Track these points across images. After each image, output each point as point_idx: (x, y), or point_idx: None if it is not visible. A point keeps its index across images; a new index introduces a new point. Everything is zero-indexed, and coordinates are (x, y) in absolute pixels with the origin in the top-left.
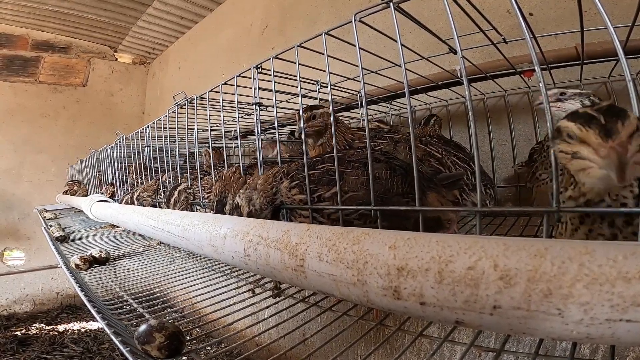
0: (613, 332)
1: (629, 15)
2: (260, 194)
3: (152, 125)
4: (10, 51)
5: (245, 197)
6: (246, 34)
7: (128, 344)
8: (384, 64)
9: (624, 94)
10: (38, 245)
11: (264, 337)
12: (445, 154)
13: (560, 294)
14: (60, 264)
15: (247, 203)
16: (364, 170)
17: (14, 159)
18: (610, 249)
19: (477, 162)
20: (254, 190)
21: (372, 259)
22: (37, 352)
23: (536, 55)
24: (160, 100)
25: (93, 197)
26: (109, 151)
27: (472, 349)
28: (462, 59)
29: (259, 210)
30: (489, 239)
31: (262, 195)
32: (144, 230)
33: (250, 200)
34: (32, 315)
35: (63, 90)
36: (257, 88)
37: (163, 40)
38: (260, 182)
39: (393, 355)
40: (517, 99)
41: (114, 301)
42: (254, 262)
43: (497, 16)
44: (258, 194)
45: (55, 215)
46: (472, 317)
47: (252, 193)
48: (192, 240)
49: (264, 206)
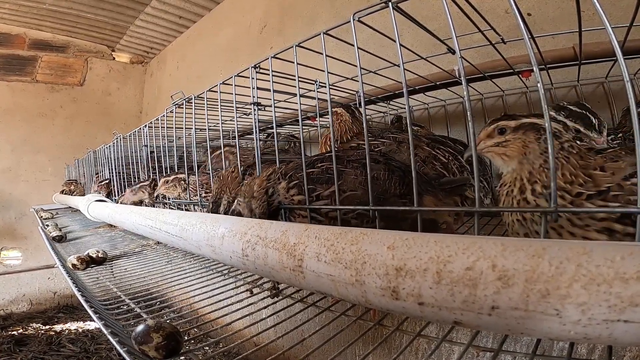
0: (610, 333)
1: (627, 16)
2: (257, 202)
3: (149, 124)
4: (8, 50)
5: (245, 206)
6: (245, 34)
7: (125, 344)
8: (382, 63)
9: (621, 94)
10: (35, 245)
11: (262, 337)
12: (452, 158)
13: (558, 294)
14: (57, 264)
15: (249, 212)
16: (362, 170)
17: (11, 158)
18: (608, 250)
19: (475, 162)
20: (252, 198)
21: (371, 259)
22: (34, 352)
23: (534, 55)
24: (158, 99)
25: (90, 197)
26: (106, 151)
27: (470, 349)
28: (461, 59)
29: (258, 218)
30: (487, 240)
31: (259, 202)
32: (141, 230)
33: (251, 210)
34: (29, 315)
35: (60, 89)
36: (256, 88)
37: (161, 39)
38: (255, 188)
39: (391, 355)
40: (514, 99)
41: (111, 301)
42: (252, 263)
43: (496, 16)
44: (256, 202)
45: (52, 214)
46: (470, 318)
47: (250, 202)
48: (190, 240)
49: (263, 216)
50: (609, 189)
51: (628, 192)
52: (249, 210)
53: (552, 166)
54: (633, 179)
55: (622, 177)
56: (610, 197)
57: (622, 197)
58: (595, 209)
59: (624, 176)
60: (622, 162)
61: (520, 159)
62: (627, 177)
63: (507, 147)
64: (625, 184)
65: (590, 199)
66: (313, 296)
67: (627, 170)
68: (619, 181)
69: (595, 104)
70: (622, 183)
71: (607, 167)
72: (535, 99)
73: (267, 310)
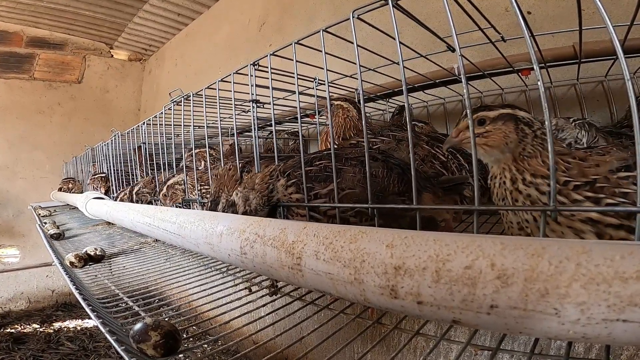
0: (610, 332)
1: (627, 15)
2: (257, 194)
3: (147, 122)
4: (5, 48)
5: (242, 196)
6: (244, 31)
7: (123, 342)
8: (381, 61)
9: (621, 93)
10: (33, 243)
11: (260, 335)
12: (451, 157)
13: (557, 293)
14: (55, 262)
15: (243, 202)
16: (361, 168)
17: (9, 155)
18: (608, 249)
19: (475, 160)
20: (252, 190)
21: (369, 257)
22: (32, 351)
23: (534, 53)
24: (157, 97)
25: (88, 194)
26: (104, 148)
27: (468, 347)
28: (461, 57)
29: (254, 211)
30: (487, 238)
31: (259, 195)
32: (139, 227)
33: (247, 200)
34: (27, 313)
35: (58, 87)
36: (254, 85)
37: (159, 37)
38: (257, 181)
39: (390, 353)
40: (514, 97)
41: (109, 299)
42: (251, 260)
43: (495, 15)
44: (255, 193)
45: (50, 212)
46: (469, 317)
47: (249, 192)
48: (188, 238)
49: (259, 207)
50: (595, 180)
51: (614, 184)
52: (244, 200)
53: (551, 166)
54: (620, 173)
55: (609, 170)
56: (597, 188)
57: (608, 189)
58: (597, 208)
59: (611, 169)
60: (608, 156)
61: (501, 148)
62: (613, 171)
63: (487, 138)
64: (612, 176)
65: (578, 190)
66: (311, 294)
67: (614, 164)
68: (605, 173)
69: (594, 102)
70: (609, 176)
71: (589, 159)
72: (535, 97)
73: (265, 308)
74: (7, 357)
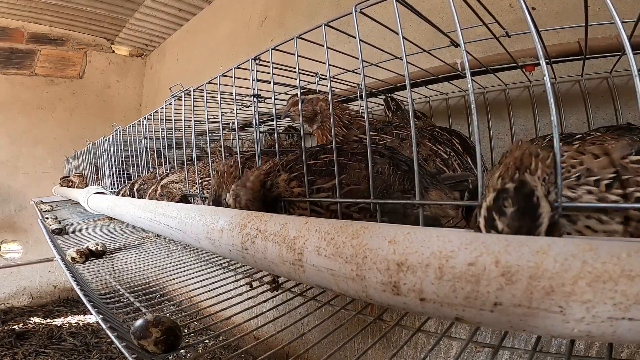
0: (614, 331)
1: (634, 11)
2: (247, 191)
3: (148, 117)
4: (6, 44)
5: (233, 193)
6: (245, 26)
7: (124, 339)
8: (383, 56)
9: (625, 90)
10: (35, 238)
11: (262, 331)
12: (452, 155)
13: (562, 291)
14: (56, 257)
15: (234, 200)
16: (367, 163)
17: (10, 151)
18: (614, 247)
19: (479, 156)
20: (243, 187)
21: (372, 253)
22: (34, 346)
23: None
24: (158, 92)
25: (89, 189)
26: (106, 143)
27: (469, 345)
28: (465, 52)
29: (244, 207)
30: (490, 235)
31: (250, 191)
32: (140, 223)
33: (237, 197)
34: (29, 309)
35: (59, 82)
36: (256, 80)
37: (161, 32)
38: (252, 178)
39: (391, 350)
40: (517, 93)
41: (110, 295)
42: (252, 256)
43: (499, 10)
44: (246, 190)
45: (51, 207)
46: (472, 314)
47: (240, 190)
48: (189, 233)
49: (249, 202)
50: (617, 172)
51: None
52: (234, 198)
53: (557, 160)
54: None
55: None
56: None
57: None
58: (601, 204)
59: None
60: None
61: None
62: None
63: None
64: (629, 165)
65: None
66: (313, 290)
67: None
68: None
69: (599, 99)
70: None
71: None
72: (538, 93)
73: (266, 304)
74: (10, 353)
